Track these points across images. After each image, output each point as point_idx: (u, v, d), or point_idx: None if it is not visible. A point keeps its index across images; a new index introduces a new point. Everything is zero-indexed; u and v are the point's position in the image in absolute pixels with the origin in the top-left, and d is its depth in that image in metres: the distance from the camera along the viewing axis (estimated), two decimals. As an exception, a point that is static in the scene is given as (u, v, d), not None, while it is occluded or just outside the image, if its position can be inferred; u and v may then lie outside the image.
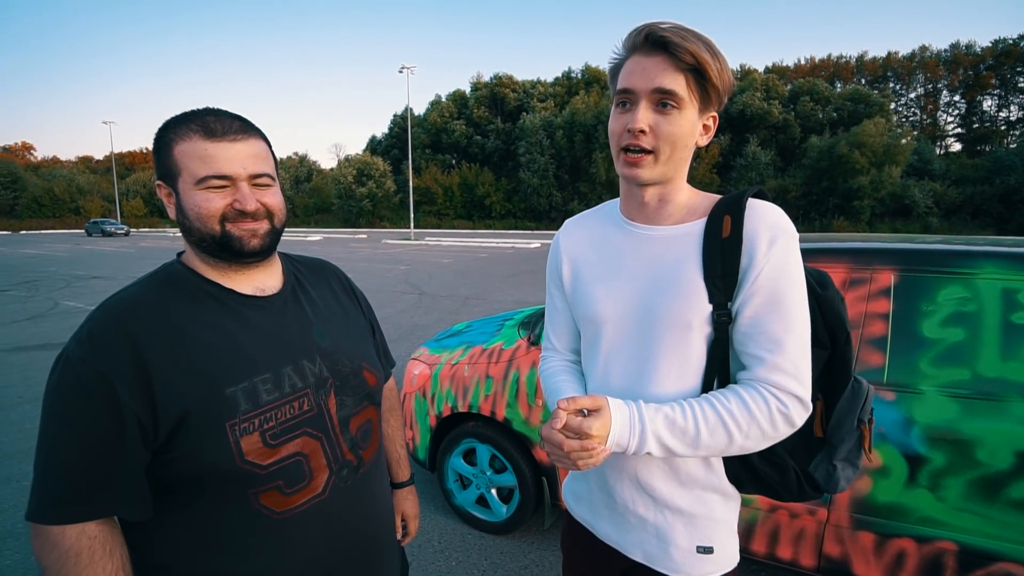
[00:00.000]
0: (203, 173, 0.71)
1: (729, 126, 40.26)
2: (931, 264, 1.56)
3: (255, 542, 0.74)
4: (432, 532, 2.41)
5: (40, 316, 7.31)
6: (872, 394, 0.88)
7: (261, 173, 0.75)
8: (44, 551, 0.66)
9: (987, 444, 1.41)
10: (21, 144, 78.48)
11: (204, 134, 0.72)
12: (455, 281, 11.02)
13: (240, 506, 0.72)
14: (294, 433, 0.76)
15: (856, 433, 0.84)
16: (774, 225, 0.76)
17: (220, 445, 0.69)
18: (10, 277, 11.92)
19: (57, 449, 0.66)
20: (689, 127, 0.76)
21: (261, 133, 0.79)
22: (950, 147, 47.85)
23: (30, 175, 54.20)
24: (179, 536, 0.73)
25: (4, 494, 2.68)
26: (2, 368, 4.83)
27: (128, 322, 0.70)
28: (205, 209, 0.72)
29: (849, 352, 0.84)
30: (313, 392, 0.79)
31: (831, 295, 0.84)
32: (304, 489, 0.77)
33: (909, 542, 1.51)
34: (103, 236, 34.47)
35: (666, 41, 0.72)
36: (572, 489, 1.01)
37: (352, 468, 0.83)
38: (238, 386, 0.72)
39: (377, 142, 58.72)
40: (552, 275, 0.99)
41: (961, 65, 44.62)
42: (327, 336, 0.85)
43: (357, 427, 0.85)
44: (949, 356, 1.49)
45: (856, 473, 0.86)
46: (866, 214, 33.06)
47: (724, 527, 0.86)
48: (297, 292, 0.87)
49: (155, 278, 0.77)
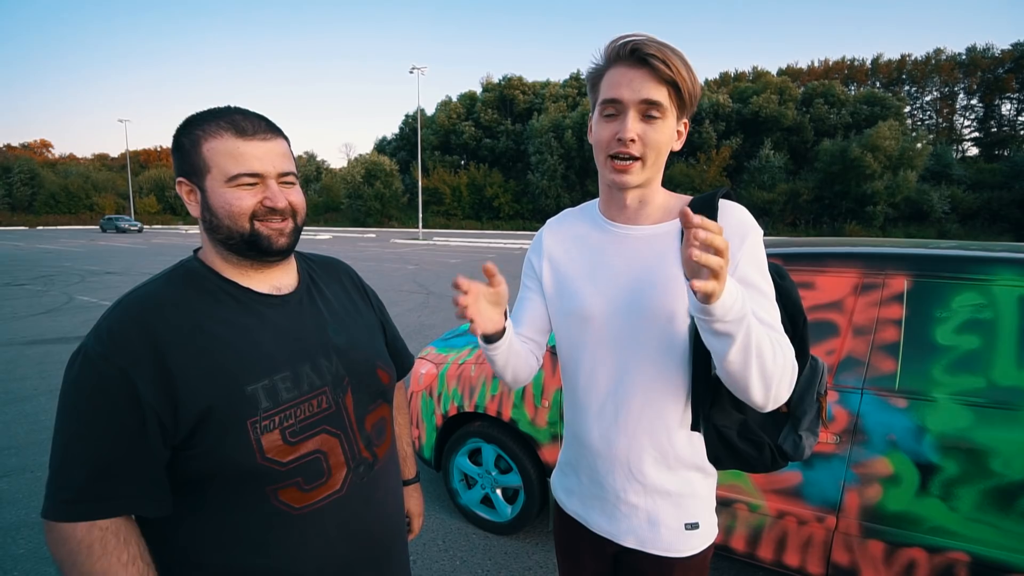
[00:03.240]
0: (235, 171, 0.72)
1: (742, 128, 39.95)
2: (946, 270, 1.54)
3: (273, 537, 0.74)
4: (436, 531, 2.41)
5: (56, 310, 7.44)
6: (826, 371, 0.97)
7: (288, 171, 0.78)
8: (57, 546, 0.65)
9: (1002, 454, 1.38)
10: (39, 141, 79.87)
11: (235, 132, 0.72)
12: (463, 281, 11.02)
13: (259, 503, 0.73)
14: (314, 431, 0.77)
15: (816, 406, 0.92)
16: (745, 223, 0.83)
17: (241, 442, 0.69)
18: (27, 272, 12.15)
19: (75, 445, 0.65)
20: (670, 134, 0.83)
21: (284, 133, 0.81)
22: (967, 151, 47.07)
23: (47, 172, 55.17)
24: (198, 531, 0.73)
25: (19, 485, 2.73)
26: (18, 361, 4.93)
27: (148, 319, 0.70)
28: (236, 207, 0.73)
29: (807, 335, 0.91)
30: (331, 390, 0.80)
31: (788, 285, 0.92)
32: (323, 486, 0.77)
33: (920, 552, 1.48)
34: (117, 232, 35.05)
35: (649, 56, 0.77)
36: (563, 484, 1.05)
37: (368, 465, 0.85)
38: (259, 384, 0.72)
39: (386, 142, 59.00)
40: (529, 268, 1.03)
41: (979, 68, 43.85)
42: (342, 334, 0.86)
43: (372, 424, 0.87)
44: (963, 364, 1.46)
45: (816, 441, 0.93)
46: (879, 219, 32.59)
47: (705, 503, 0.94)
48: (312, 290, 0.88)
49: (174, 275, 0.78)
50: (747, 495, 1.72)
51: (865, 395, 1.55)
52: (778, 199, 34.94)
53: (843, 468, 1.56)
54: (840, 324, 1.62)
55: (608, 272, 0.89)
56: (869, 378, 1.56)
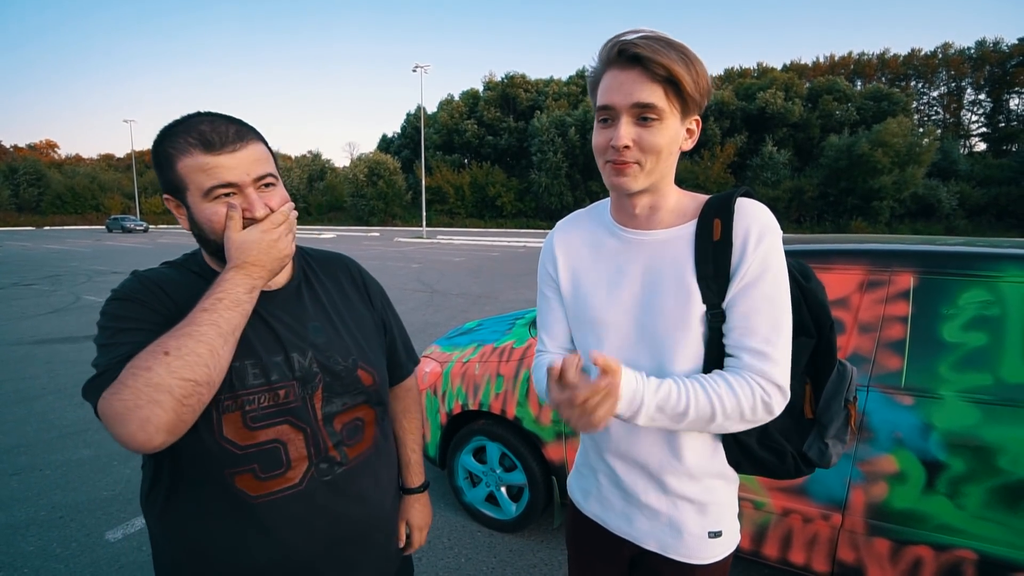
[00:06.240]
0: (209, 184, 0.73)
1: (747, 125, 39.71)
2: (952, 267, 1.52)
3: (233, 523, 0.78)
4: (441, 529, 2.42)
5: (63, 309, 7.51)
6: (856, 376, 0.94)
7: (264, 174, 0.77)
8: (112, 397, 0.64)
9: (1010, 451, 1.37)
10: (45, 142, 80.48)
11: (203, 148, 0.72)
12: (466, 279, 11.05)
13: (219, 485, 0.76)
14: (275, 420, 0.78)
15: (844, 412, 0.90)
16: (761, 224, 0.79)
17: (203, 418, 0.71)
18: (34, 271, 12.26)
19: (121, 336, 0.71)
20: (672, 135, 0.78)
21: (257, 133, 0.79)
22: (974, 146, 46.60)
23: (53, 172, 55.66)
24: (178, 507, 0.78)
25: (29, 482, 2.76)
26: (26, 360, 4.98)
27: (161, 284, 0.78)
28: (217, 221, 0.75)
29: (833, 339, 0.88)
30: (299, 384, 0.81)
31: (814, 286, 0.88)
32: (280, 477, 0.79)
33: (926, 550, 1.48)
34: (123, 232, 35.30)
35: (639, 55, 0.72)
36: (580, 486, 1.03)
37: (335, 463, 0.84)
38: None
39: (389, 141, 59.03)
40: (545, 277, 0.99)
41: (987, 62, 43.37)
42: (323, 333, 0.86)
43: (343, 424, 0.86)
44: (970, 361, 1.45)
45: (843, 449, 0.91)
46: (885, 215, 32.34)
47: (729, 510, 0.91)
48: (302, 288, 0.90)
49: (175, 262, 0.85)
50: (752, 492, 1.72)
51: (871, 392, 1.55)
52: (782, 196, 34.72)
53: (849, 465, 1.56)
54: (846, 321, 1.61)
55: (622, 280, 0.87)
56: (875, 375, 1.55)
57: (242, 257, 0.73)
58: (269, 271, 0.76)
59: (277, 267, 0.77)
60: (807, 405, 0.91)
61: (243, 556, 0.78)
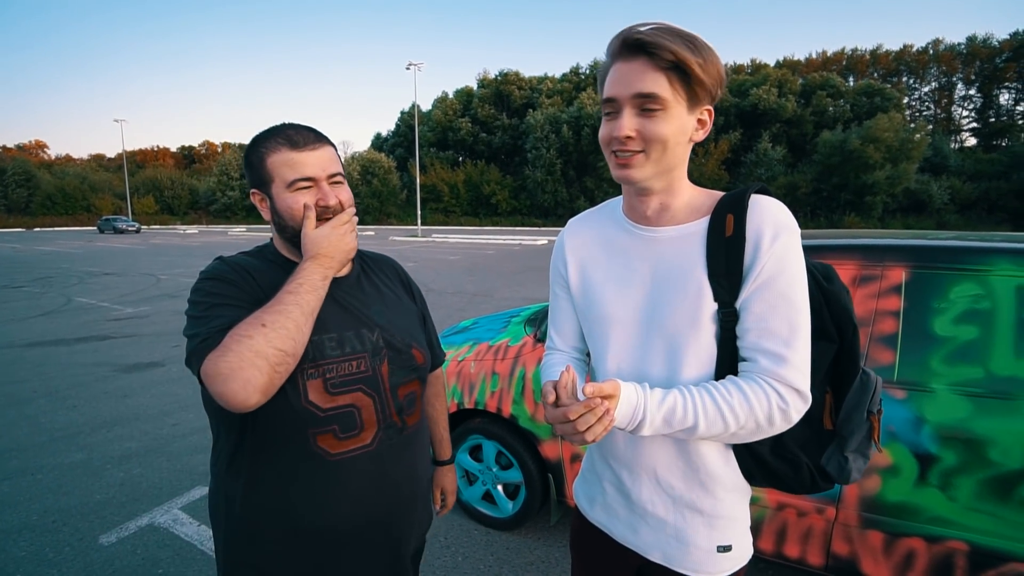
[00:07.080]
0: (292, 177, 0.87)
1: (741, 121, 39.83)
2: (943, 261, 1.53)
3: (310, 478, 0.87)
4: (438, 527, 2.42)
5: (54, 312, 7.43)
6: (880, 386, 0.88)
7: (335, 172, 0.91)
8: (219, 359, 0.72)
9: (1000, 443, 1.38)
10: (35, 142, 79.56)
11: (290, 146, 0.87)
12: (462, 278, 11.04)
13: (300, 443, 0.86)
14: (351, 387, 0.90)
15: (866, 425, 0.84)
16: (776, 222, 0.75)
17: (291, 383, 0.83)
18: (25, 274, 12.13)
19: (217, 309, 0.81)
20: (678, 126, 0.75)
21: (330, 140, 0.94)
22: (965, 142, 47.00)
23: (43, 173, 54.92)
24: (252, 462, 0.88)
25: (20, 487, 2.73)
26: (17, 363, 4.92)
27: (247, 269, 0.89)
28: (297, 209, 0.88)
29: (857, 345, 0.84)
30: (369, 356, 0.93)
31: (837, 289, 0.85)
32: (355, 438, 0.90)
33: (919, 541, 1.49)
34: (115, 233, 34.96)
35: (643, 43, 0.71)
36: (586, 492, 1.00)
37: (397, 429, 0.96)
38: (309, 340, 0.84)
39: (383, 140, 58.77)
40: (556, 275, 0.99)
41: (978, 58, 43.72)
42: (384, 315, 1.00)
43: (404, 395, 0.98)
44: (962, 354, 1.47)
45: (865, 464, 0.85)
46: (878, 210, 32.58)
47: (740, 524, 0.87)
48: (362, 278, 1.03)
49: (253, 251, 0.97)
50: (747, 488, 1.73)
51: (864, 387, 1.56)
52: (777, 192, 34.50)
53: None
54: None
55: (632, 277, 0.85)
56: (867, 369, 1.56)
57: (316, 250, 0.86)
58: (339, 262, 0.89)
59: (345, 259, 0.91)
60: (827, 415, 0.86)
61: (327, 513, 0.88)
